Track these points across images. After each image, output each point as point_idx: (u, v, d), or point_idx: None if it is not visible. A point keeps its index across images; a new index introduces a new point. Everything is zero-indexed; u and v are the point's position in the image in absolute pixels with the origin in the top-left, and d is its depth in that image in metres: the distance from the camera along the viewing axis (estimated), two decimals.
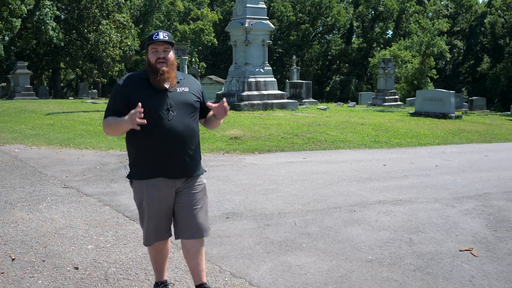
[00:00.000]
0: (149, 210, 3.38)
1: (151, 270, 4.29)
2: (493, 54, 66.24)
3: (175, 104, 3.34)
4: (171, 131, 3.29)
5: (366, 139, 12.41)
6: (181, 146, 3.34)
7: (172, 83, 3.35)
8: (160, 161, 3.32)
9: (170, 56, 3.37)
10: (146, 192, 3.36)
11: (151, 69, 3.35)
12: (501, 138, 13.94)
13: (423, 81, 50.05)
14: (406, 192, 7.09)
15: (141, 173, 3.37)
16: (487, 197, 6.86)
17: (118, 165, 8.78)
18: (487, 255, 4.69)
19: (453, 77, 71.26)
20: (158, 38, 3.34)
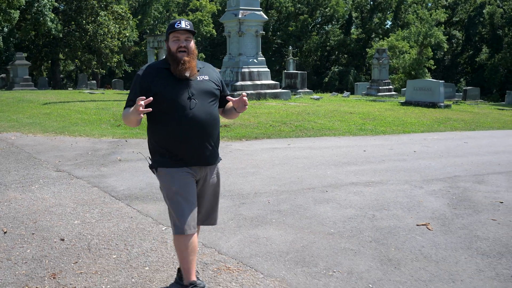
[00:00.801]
0: (179, 194, 3.32)
1: (130, 241, 4.71)
2: (491, 44, 66.36)
3: (197, 92, 3.34)
4: (194, 119, 3.29)
5: (353, 127, 12.80)
6: (203, 134, 3.35)
7: (192, 72, 3.35)
8: (185, 149, 3.32)
9: (191, 45, 3.36)
10: (174, 177, 3.34)
11: (172, 58, 3.34)
12: (486, 126, 14.32)
13: (421, 71, 50.29)
14: (380, 175, 7.49)
15: (166, 160, 3.36)
16: (456, 180, 7.26)
17: (109, 150, 9.20)
18: (441, 229, 5.10)
19: (452, 67, 71.43)
20: (180, 26, 3.32)
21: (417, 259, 4.32)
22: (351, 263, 4.21)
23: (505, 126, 14.65)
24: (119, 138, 10.50)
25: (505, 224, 5.25)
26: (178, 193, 3.32)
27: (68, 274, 3.99)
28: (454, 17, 72.83)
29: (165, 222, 5.22)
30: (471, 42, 71.20)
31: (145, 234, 4.90)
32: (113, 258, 4.33)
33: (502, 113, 18.41)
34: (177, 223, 3.32)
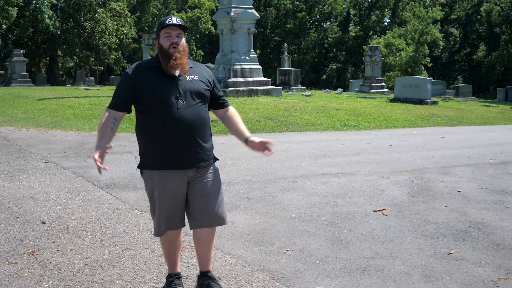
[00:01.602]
0: (160, 200, 3.32)
1: (106, 224, 5.12)
2: (489, 42, 66.64)
3: (185, 92, 3.27)
4: (180, 120, 3.23)
5: (337, 122, 13.20)
6: (190, 135, 3.28)
7: (183, 69, 3.29)
8: (170, 151, 3.26)
9: (183, 42, 3.30)
10: (157, 182, 3.31)
11: (163, 54, 3.27)
12: (468, 122, 14.72)
13: (417, 69, 50.65)
14: (351, 166, 7.90)
15: (152, 163, 3.32)
16: (423, 171, 7.67)
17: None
18: (396, 214, 5.51)
19: (449, 65, 71.71)
20: (171, 22, 3.25)
21: (366, 239, 4.73)
22: (304, 243, 4.62)
23: (487, 122, 15.05)
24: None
25: (456, 211, 5.65)
26: (159, 198, 3.31)
27: (46, 252, 4.40)
28: (452, 15, 73.09)
29: (140, 208, 5.64)
30: (468, 39, 71.50)
31: (120, 218, 5.31)
32: (88, 238, 4.74)
33: (488, 110, 18.81)
34: (155, 225, 3.44)
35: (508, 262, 4.25)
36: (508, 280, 3.90)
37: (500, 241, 4.74)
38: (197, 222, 3.41)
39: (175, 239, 3.53)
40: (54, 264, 4.14)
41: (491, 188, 6.69)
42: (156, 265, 4.14)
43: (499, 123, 15.13)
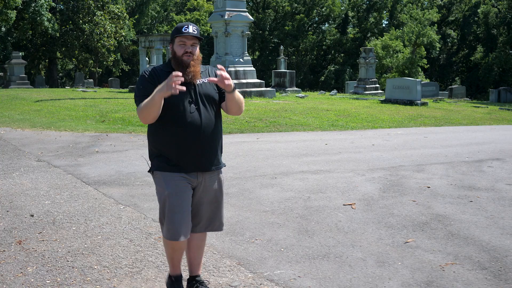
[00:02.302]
0: (173, 203, 3.31)
1: (90, 217, 5.47)
2: (486, 43, 66.97)
3: (197, 97, 3.31)
4: (193, 124, 3.27)
5: (325, 123, 13.55)
6: (202, 139, 3.31)
7: (195, 77, 3.31)
8: (182, 154, 3.30)
9: (197, 51, 3.33)
10: (170, 184, 3.32)
11: (176, 62, 3.31)
12: (454, 122, 15.07)
13: (414, 70, 50.98)
14: (331, 164, 8.25)
15: (163, 165, 3.35)
16: (399, 169, 8.01)
17: (89, 143, 9.97)
18: (364, 208, 5.86)
19: (447, 66, 72.06)
20: (188, 31, 3.27)
21: (331, 230, 5.09)
22: (273, 233, 4.97)
23: (473, 123, 15.41)
24: (100, 133, 11.27)
25: (422, 205, 6.00)
26: (170, 198, 3.31)
27: (32, 241, 4.76)
28: (449, 17, 73.43)
29: (124, 202, 5.99)
30: (466, 41, 71.84)
31: (104, 212, 5.67)
32: (73, 229, 5.10)
33: (476, 111, 19.16)
34: (166, 229, 3.36)
35: (459, 249, 4.60)
36: (454, 265, 4.26)
37: (456, 231, 5.09)
38: (197, 226, 3.47)
39: (182, 246, 3.49)
40: (39, 252, 4.49)
41: (460, 184, 7.04)
42: (133, 253, 4.49)
43: (484, 124, 15.48)
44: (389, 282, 3.92)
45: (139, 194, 6.38)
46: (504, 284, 3.90)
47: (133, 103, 16.36)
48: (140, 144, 9.89)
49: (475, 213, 5.72)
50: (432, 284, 3.89)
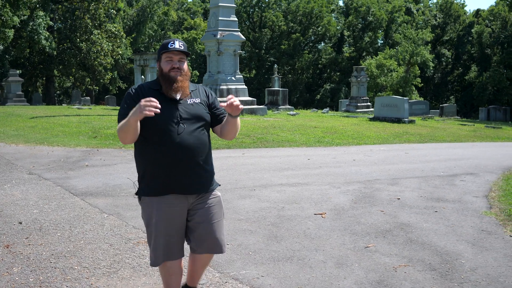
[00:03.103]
0: (157, 227, 3.25)
1: (75, 224, 5.83)
2: (480, 63, 67.81)
3: (186, 116, 3.24)
4: (181, 144, 3.18)
5: (311, 139, 13.95)
6: (191, 160, 3.23)
7: (184, 93, 3.27)
8: (170, 176, 3.22)
9: (184, 67, 3.28)
10: (155, 209, 3.25)
11: (163, 78, 3.25)
12: (438, 139, 15.49)
13: (408, 89, 51.56)
14: (309, 178, 8.63)
15: (150, 189, 3.27)
16: (374, 182, 8.40)
17: (80, 158, 10.35)
18: (334, 217, 6.23)
19: (442, 85, 72.86)
20: (174, 47, 3.21)
21: (298, 236, 5.45)
22: (244, 239, 5.34)
23: (456, 140, 15.83)
24: (92, 148, 11.65)
25: (389, 214, 6.38)
26: (157, 225, 3.25)
27: (19, 245, 5.11)
28: (444, 36, 74.38)
29: (108, 211, 6.35)
30: (460, 60, 72.71)
31: (88, 220, 6.03)
32: (58, 235, 5.45)
33: (462, 128, 19.61)
34: (151, 254, 3.35)
35: (414, 253, 4.97)
36: (406, 266, 4.62)
37: (415, 238, 5.46)
38: (198, 248, 3.40)
39: (175, 270, 3.44)
40: (24, 255, 4.85)
41: (429, 197, 7.42)
42: (112, 256, 4.85)
43: (468, 141, 15.91)
44: (344, 281, 4.28)
45: (123, 204, 6.74)
46: (449, 283, 4.27)
47: None
48: (129, 159, 10.27)
49: (437, 222, 6.09)
50: (382, 283, 4.25)
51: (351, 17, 71.18)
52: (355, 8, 71.00)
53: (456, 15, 75.09)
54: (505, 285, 4.24)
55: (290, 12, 70.88)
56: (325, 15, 70.30)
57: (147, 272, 4.46)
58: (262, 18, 70.15)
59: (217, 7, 20.69)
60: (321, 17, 70.42)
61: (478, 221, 6.16)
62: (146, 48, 58.04)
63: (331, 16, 73.13)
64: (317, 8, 69.51)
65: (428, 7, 79.50)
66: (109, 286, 4.17)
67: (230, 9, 21.11)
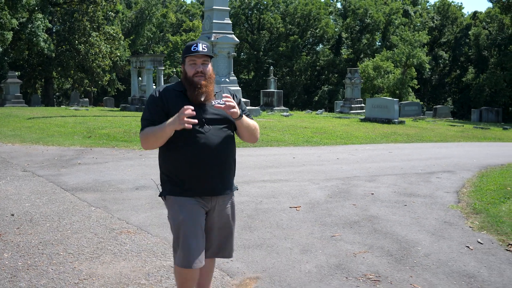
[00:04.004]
0: (188, 228, 3.21)
1: (64, 216, 6.23)
2: (477, 65, 68.26)
3: (211, 118, 3.23)
4: (206, 146, 3.19)
5: (300, 139, 14.35)
6: (216, 162, 3.23)
7: (209, 96, 3.24)
8: (195, 178, 3.22)
9: (208, 69, 3.25)
10: (181, 208, 3.23)
11: (188, 82, 3.24)
12: (425, 139, 15.89)
13: (404, 91, 51.96)
14: (291, 175, 9.02)
15: (175, 190, 3.27)
16: (352, 179, 8.79)
17: (74, 156, 10.75)
18: (307, 210, 6.63)
19: (439, 87, 73.31)
20: (197, 50, 3.20)
21: (271, 227, 5.85)
22: None
23: (443, 140, 16.22)
24: (85, 147, 12.04)
25: (359, 208, 6.78)
26: (185, 224, 3.21)
27: (10, 235, 5.51)
28: (441, 38, 74.85)
29: (95, 205, 6.75)
30: (457, 62, 73.15)
31: (76, 212, 6.42)
32: (47, 226, 5.85)
33: (450, 129, 20.01)
34: (182, 256, 3.23)
35: (375, 241, 5.36)
36: (366, 253, 5.02)
37: (380, 228, 5.86)
38: (212, 254, 3.42)
39: (195, 276, 3.34)
40: (15, 243, 5.24)
41: (403, 192, 7.82)
42: (95, 243, 5.24)
43: (454, 141, 16.31)
44: (306, 265, 4.68)
45: (110, 198, 7.14)
46: (401, 266, 4.67)
47: (119, 120, 17.17)
48: (120, 157, 10.67)
49: (404, 214, 6.49)
50: (340, 266, 4.65)
51: (349, 19, 71.62)
52: (352, 10, 71.46)
53: (454, 17, 75.56)
54: (452, 268, 4.64)
55: (288, 14, 71.32)
56: (323, 17, 70.74)
57: (126, 257, 4.86)
58: (260, 20, 70.59)
59: (211, 10, 21.10)
60: (319, 19, 70.87)
61: (443, 214, 6.56)
62: (145, 50, 58.49)
63: (329, 18, 73.58)
64: (315, 10, 69.97)
65: (425, 9, 79.96)
66: (91, 269, 4.56)
67: (224, 12, 21.52)
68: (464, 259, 4.88)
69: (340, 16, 76.48)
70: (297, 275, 4.45)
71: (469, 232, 5.78)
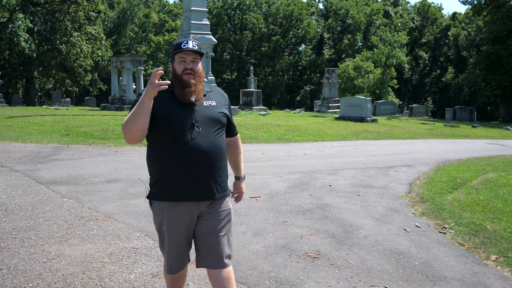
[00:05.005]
0: (170, 236, 3.13)
1: (37, 206, 6.66)
2: (456, 65, 69.47)
3: (201, 119, 3.09)
4: (196, 149, 3.03)
5: (273, 136, 14.86)
6: (206, 165, 3.07)
7: (198, 96, 3.09)
8: (183, 181, 3.06)
9: (198, 68, 3.12)
10: (167, 215, 3.11)
11: (176, 81, 3.09)
12: (394, 136, 16.49)
13: (384, 90, 52.76)
14: (258, 169, 9.52)
15: (162, 194, 3.11)
16: (315, 172, 9.31)
17: (51, 153, 11.15)
18: (266, 199, 7.12)
19: (419, 87, 74.43)
20: (187, 47, 3.07)
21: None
22: None
23: (412, 137, 16.84)
24: (63, 144, 12.45)
25: (316, 198, 7.29)
26: (169, 231, 3.12)
27: None
28: (422, 39, 75.93)
29: (68, 196, 7.19)
30: (437, 62, 74.35)
31: (49, 202, 6.86)
32: (21, 214, 6.28)
33: (420, 127, 20.67)
34: (165, 262, 3.29)
35: (323, 226, 5.88)
36: (312, 235, 5.53)
37: (330, 215, 6.38)
38: (205, 262, 3.16)
39: (182, 276, 3.40)
40: None
41: (359, 184, 8.36)
42: (65, 229, 5.69)
43: (422, 138, 16.93)
44: (255, 245, 5.18)
45: (82, 190, 7.58)
46: (341, 246, 5.19)
47: (98, 119, 17.56)
48: (96, 154, 11.09)
49: (355, 203, 7.02)
50: (286, 246, 5.16)
51: (331, 19, 72.44)
52: (334, 11, 72.31)
53: (433, 18, 76.63)
54: (386, 247, 5.17)
55: (271, 14, 71.89)
56: (305, 17, 71.40)
57: (93, 240, 5.32)
58: (243, 20, 71.09)
59: (189, 11, 21.55)
60: (301, 20, 71.52)
61: (392, 203, 7.11)
62: (128, 50, 58.69)
63: (311, 18, 74.31)
64: (297, 10, 70.60)
65: (406, 10, 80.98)
66: (59, 250, 5.02)
67: (202, 13, 21.98)
68: (399, 240, 5.42)
69: (322, 16, 77.27)
70: (245, 254, 4.95)
71: (410, 218, 6.32)
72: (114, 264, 4.67)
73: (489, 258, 4.90)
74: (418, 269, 4.61)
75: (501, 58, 35.42)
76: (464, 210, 6.64)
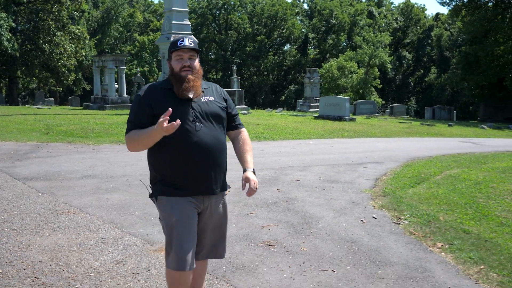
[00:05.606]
0: (180, 230, 3.08)
1: (12, 201, 6.90)
2: (439, 65, 70.31)
3: (201, 115, 3.15)
4: (198, 144, 3.10)
5: (250, 135, 15.15)
6: (208, 160, 3.15)
7: (197, 92, 3.16)
8: (188, 177, 3.12)
9: (195, 64, 3.18)
10: (174, 208, 3.11)
11: (174, 78, 3.15)
12: (370, 135, 16.87)
13: (367, 90, 53.31)
14: (230, 166, 9.73)
15: (168, 189, 3.15)
16: (286, 168, 9.63)
17: (29, 151, 11.36)
18: (235, 194, 7.38)
19: (403, 86, 75.18)
20: (183, 44, 3.13)
21: None
22: (151, 210, 6.49)
23: (387, 135, 17.24)
24: (42, 142, 12.66)
25: (282, 192, 7.60)
26: (179, 226, 3.08)
27: None
28: (405, 39, 76.70)
29: (43, 191, 7.44)
30: (421, 62, 75.19)
31: (24, 197, 7.11)
32: None
33: (397, 126, 21.11)
34: (175, 259, 3.09)
35: (284, 217, 6.20)
36: (272, 226, 5.85)
37: (293, 208, 6.70)
38: (198, 254, 3.27)
39: (187, 280, 3.19)
40: None
41: (327, 179, 8.69)
42: (38, 221, 5.95)
43: (397, 136, 17.34)
44: None
45: (57, 186, 7.83)
46: (298, 235, 5.51)
47: (79, 118, 17.75)
48: (74, 151, 11.33)
49: (319, 197, 7.35)
50: (247, 236, 5.47)
51: (315, 20, 72.92)
52: (318, 11, 72.78)
53: (417, 18, 77.38)
54: (341, 236, 5.50)
55: (255, 14, 72.20)
56: (289, 17, 71.82)
57: (63, 231, 5.58)
58: (227, 20, 71.32)
59: (170, 12, 21.79)
60: (285, 20, 71.92)
61: (354, 196, 7.45)
62: (112, 49, 58.72)
63: (296, 18, 74.76)
64: (282, 11, 70.95)
65: (390, 10, 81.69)
66: (30, 240, 5.28)
67: (183, 13, 22.22)
68: (354, 229, 5.75)
69: (306, 16, 77.78)
70: None
71: (369, 210, 6.67)
72: (82, 252, 4.94)
73: (435, 246, 5.25)
74: (367, 255, 4.94)
75: (479, 59, 36.10)
76: (422, 203, 7.00)
